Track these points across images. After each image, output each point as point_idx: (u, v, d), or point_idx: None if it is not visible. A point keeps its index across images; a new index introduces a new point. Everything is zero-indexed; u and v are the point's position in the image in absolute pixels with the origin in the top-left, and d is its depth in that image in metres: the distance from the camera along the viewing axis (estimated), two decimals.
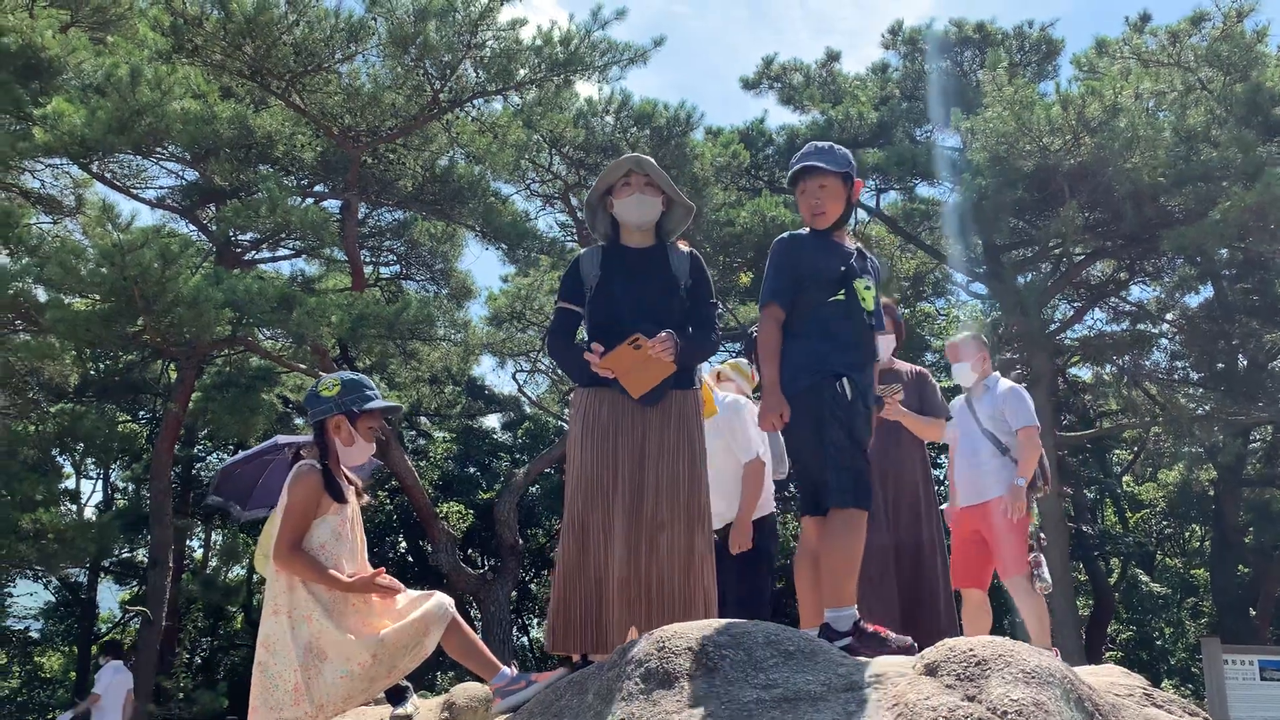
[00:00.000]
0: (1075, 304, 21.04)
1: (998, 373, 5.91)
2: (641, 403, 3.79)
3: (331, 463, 3.73)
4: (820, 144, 3.87)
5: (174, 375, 18.20)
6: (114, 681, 11.26)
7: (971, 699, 2.44)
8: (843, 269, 3.72)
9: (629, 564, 3.65)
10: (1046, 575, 5.39)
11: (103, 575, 23.37)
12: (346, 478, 3.82)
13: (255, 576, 22.12)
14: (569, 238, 19.45)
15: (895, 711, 2.46)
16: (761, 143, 21.04)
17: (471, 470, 26.46)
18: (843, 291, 3.69)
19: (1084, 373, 23.46)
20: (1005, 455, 5.54)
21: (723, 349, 20.49)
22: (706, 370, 5.64)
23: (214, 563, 24.37)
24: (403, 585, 3.74)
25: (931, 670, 2.62)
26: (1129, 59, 17.72)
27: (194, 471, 23.50)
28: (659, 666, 2.81)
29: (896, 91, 21.89)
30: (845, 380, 3.58)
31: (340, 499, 3.68)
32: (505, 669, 3.59)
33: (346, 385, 3.77)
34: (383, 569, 3.69)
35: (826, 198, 3.77)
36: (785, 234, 3.86)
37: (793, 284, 3.69)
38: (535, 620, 27.20)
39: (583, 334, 4.02)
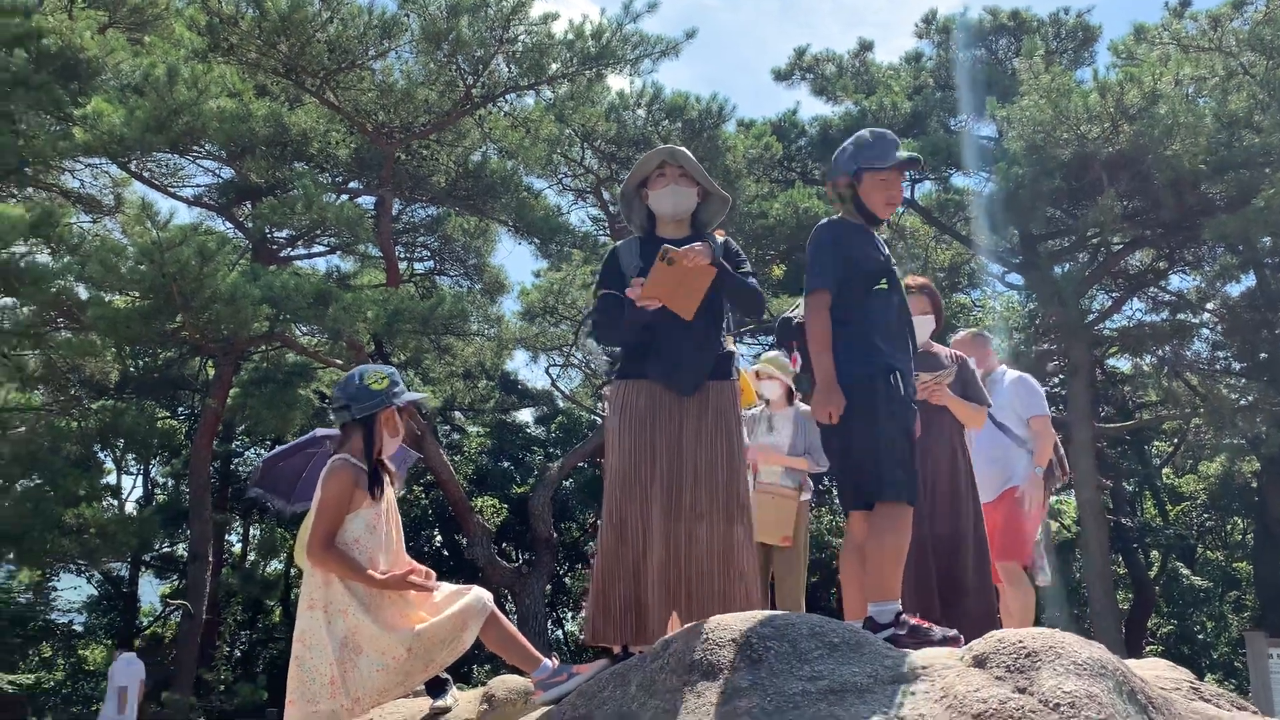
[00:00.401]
0: (1114, 294, 20.77)
1: (1004, 365, 5.87)
2: (680, 392, 3.77)
3: (377, 455, 3.73)
4: (890, 134, 3.80)
5: (212, 371, 18.40)
6: (128, 672, 11.52)
7: (1022, 691, 2.40)
8: (882, 257, 3.68)
9: (668, 555, 3.64)
10: (1046, 569, 5.42)
11: (144, 569, 23.72)
12: (385, 468, 3.82)
13: (293, 570, 22.33)
14: (601, 232, 19.45)
15: (944, 703, 2.42)
16: (794, 134, 20.93)
17: (505, 464, 26.56)
18: (885, 280, 3.64)
19: (1123, 363, 23.18)
20: (1021, 447, 5.50)
21: (755, 343, 20.39)
22: (746, 366, 5.61)
23: (253, 556, 24.66)
24: (435, 582, 3.72)
25: (980, 662, 2.58)
26: (1168, 45, 17.47)
27: (232, 466, 23.75)
28: (703, 658, 2.79)
29: (930, 81, 21.70)
30: (898, 373, 3.53)
31: (376, 494, 3.68)
32: (546, 661, 3.57)
33: (392, 378, 3.78)
34: (416, 566, 3.68)
35: (901, 191, 3.79)
36: (825, 220, 3.81)
37: (842, 268, 3.62)
38: (570, 614, 27.26)
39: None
